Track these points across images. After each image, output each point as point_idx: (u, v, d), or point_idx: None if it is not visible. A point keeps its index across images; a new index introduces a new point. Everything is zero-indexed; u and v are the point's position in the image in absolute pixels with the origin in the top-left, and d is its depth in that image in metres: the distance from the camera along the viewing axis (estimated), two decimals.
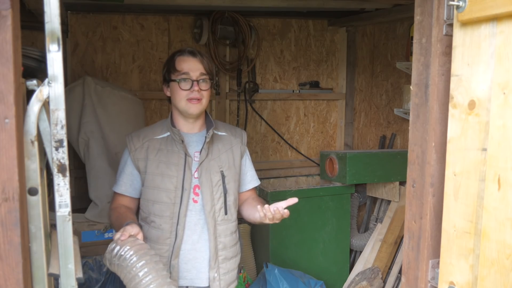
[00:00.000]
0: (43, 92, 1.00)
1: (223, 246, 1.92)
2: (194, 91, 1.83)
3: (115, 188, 1.97)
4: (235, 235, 1.98)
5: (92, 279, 2.74)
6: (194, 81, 1.83)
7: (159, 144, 1.90)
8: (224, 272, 1.93)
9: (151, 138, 1.91)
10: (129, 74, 3.36)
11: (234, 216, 1.98)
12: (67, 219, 1.06)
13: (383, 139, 3.76)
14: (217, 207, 1.90)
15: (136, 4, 3.06)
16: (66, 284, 1.08)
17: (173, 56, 1.90)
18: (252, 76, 3.70)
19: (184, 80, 1.83)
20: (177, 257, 1.87)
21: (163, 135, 1.92)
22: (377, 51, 3.81)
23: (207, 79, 1.86)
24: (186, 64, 1.85)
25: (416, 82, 1.27)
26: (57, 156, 1.02)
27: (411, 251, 1.30)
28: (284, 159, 3.94)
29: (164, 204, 1.86)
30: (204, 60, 1.86)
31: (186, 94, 1.83)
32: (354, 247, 3.71)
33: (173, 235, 1.86)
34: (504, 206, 1.01)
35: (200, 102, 1.85)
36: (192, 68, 1.84)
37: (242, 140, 2.02)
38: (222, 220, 1.91)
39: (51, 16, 0.97)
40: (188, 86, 1.83)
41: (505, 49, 1.01)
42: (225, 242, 1.92)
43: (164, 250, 1.86)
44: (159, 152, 1.88)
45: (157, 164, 1.87)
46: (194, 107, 1.85)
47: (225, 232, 1.92)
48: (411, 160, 1.29)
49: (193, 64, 1.85)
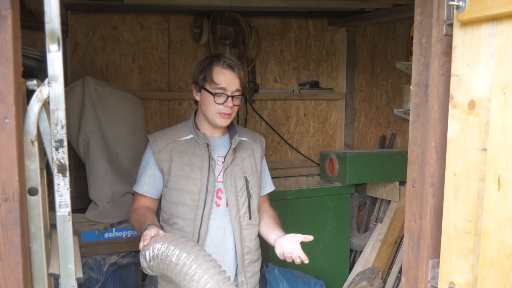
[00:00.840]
0: (43, 92, 1.01)
1: (248, 250, 1.94)
2: (227, 107, 1.83)
3: (136, 188, 1.96)
4: (258, 239, 2.01)
5: (92, 279, 2.74)
6: (230, 96, 1.83)
7: (183, 146, 1.89)
8: (250, 275, 1.96)
9: (175, 140, 1.91)
10: (129, 74, 3.35)
11: (257, 221, 2.00)
12: (67, 219, 1.06)
13: (383, 139, 3.76)
14: (242, 212, 1.92)
15: (136, 4, 3.06)
16: (66, 284, 1.08)
17: (211, 64, 1.86)
18: (252, 76, 3.70)
19: (220, 95, 1.83)
20: None
21: (186, 137, 1.92)
22: (377, 51, 3.81)
23: (240, 96, 1.87)
24: (224, 78, 1.83)
25: (416, 82, 1.27)
26: (57, 156, 1.02)
27: (411, 251, 1.30)
28: (284, 159, 3.94)
29: (188, 206, 1.86)
30: (241, 76, 1.86)
31: (219, 108, 1.84)
32: (354, 247, 3.71)
33: (195, 237, 1.86)
34: (504, 206, 1.01)
35: (230, 116, 1.87)
36: (229, 83, 1.83)
37: (261, 146, 2.07)
38: (247, 224, 1.94)
39: (51, 16, 0.97)
40: (222, 101, 1.83)
41: (505, 49, 1.01)
42: (250, 246, 1.95)
43: None
44: (183, 154, 1.88)
45: (182, 167, 1.87)
46: (223, 121, 1.87)
47: (250, 236, 1.95)
48: (411, 160, 1.29)
49: (231, 79, 1.84)
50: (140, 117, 3.10)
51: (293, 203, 3.41)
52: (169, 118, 3.46)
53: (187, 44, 3.48)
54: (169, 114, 3.48)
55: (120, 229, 2.79)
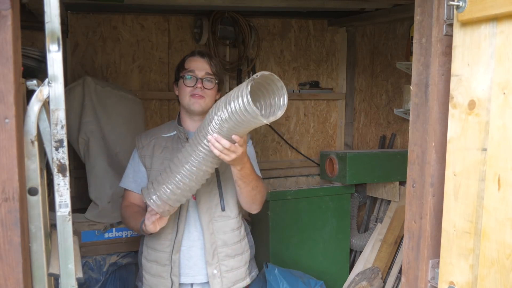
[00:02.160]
0: (43, 92, 1.01)
1: (222, 243, 1.93)
2: (197, 88, 1.88)
3: (122, 183, 2.03)
4: (237, 232, 1.98)
5: (92, 279, 2.74)
6: (199, 79, 1.89)
7: (165, 142, 1.97)
8: (227, 269, 1.94)
9: (158, 136, 1.99)
10: (129, 74, 3.35)
11: (234, 213, 1.97)
12: (67, 219, 1.06)
13: (383, 139, 3.76)
14: (213, 204, 1.91)
15: (136, 4, 3.05)
16: (66, 284, 1.08)
17: (184, 57, 1.99)
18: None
19: (189, 78, 1.90)
20: (178, 252, 1.90)
21: (170, 134, 1.99)
22: (377, 51, 3.81)
23: (212, 79, 1.92)
24: (194, 63, 1.93)
25: (416, 82, 1.27)
26: (57, 156, 1.02)
27: (411, 251, 1.30)
28: (284, 159, 3.94)
29: None
30: (212, 62, 1.93)
31: (190, 90, 1.89)
32: (354, 247, 3.71)
33: (174, 230, 1.90)
34: (504, 206, 1.01)
35: (203, 99, 1.90)
36: (199, 67, 1.91)
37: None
38: (219, 216, 1.93)
39: (51, 16, 0.97)
40: (193, 83, 1.89)
41: (505, 49, 1.01)
42: (225, 239, 1.93)
43: (166, 245, 1.91)
44: (164, 150, 1.95)
45: (162, 161, 1.92)
46: (196, 104, 1.89)
47: (224, 228, 1.93)
48: (411, 160, 1.29)
49: (200, 64, 1.92)
50: (140, 117, 3.10)
51: (293, 203, 3.41)
52: (169, 118, 3.45)
53: (187, 44, 3.47)
54: (169, 114, 3.48)
55: (120, 229, 2.79)
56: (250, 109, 1.43)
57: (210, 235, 1.91)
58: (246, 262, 2.02)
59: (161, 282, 1.93)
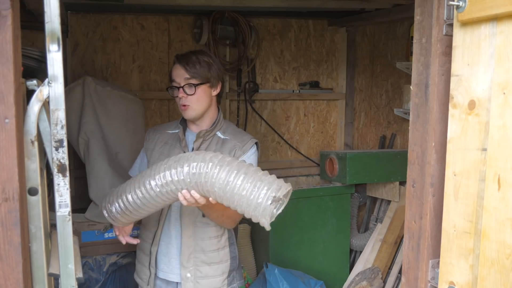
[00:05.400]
0: (43, 92, 1.01)
1: (200, 249, 1.91)
2: (181, 98, 1.86)
3: (130, 172, 2.11)
4: (215, 240, 1.93)
5: (92, 279, 2.74)
6: (179, 87, 1.86)
7: (168, 138, 1.99)
8: (201, 275, 1.91)
9: (164, 132, 2.02)
10: (129, 74, 3.35)
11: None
12: (67, 219, 1.06)
13: (383, 139, 3.76)
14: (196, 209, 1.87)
15: (136, 4, 3.06)
16: (66, 284, 1.08)
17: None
18: (252, 76, 3.70)
19: (172, 88, 1.89)
20: (156, 245, 1.94)
21: (174, 131, 2.00)
22: (377, 51, 3.81)
23: (191, 84, 1.85)
24: (174, 72, 1.90)
25: (416, 82, 1.27)
26: (57, 156, 1.02)
27: (411, 251, 1.30)
28: (284, 159, 3.94)
29: None
30: (187, 65, 1.86)
31: (178, 100, 1.89)
32: (354, 247, 3.71)
33: (156, 223, 1.94)
34: (504, 206, 1.01)
35: (190, 107, 1.87)
36: (178, 75, 1.87)
37: (242, 147, 1.93)
38: (200, 222, 1.91)
39: (51, 16, 0.97)
40: (176, 94, 1.88)
41: (505, 49, 1.01)
42: (202, 246, 1.91)
43: (148, 236, 1.97)
44: (165, 145, 1.97)
45: (159, 156, 1.94)
46: (185, 113, 1.89)
47: (202, 235, 1.91)
48: (411, 160, 1.29)
49: (178, 71, 1.88)
50: (140, 117, 3.10)
51: (293, 203, 3.39)
52: (169, 118, 3.45)
53: (187, 44, 3.47)
54: (169, 114, 3.48)
55: None
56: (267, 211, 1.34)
57: (188, 238, 1.90)
58: (223, 272, 1.96)
59: (143, 270, 2.01)
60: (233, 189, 1.37)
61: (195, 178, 1.43)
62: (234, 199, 1.39)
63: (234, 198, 1.39)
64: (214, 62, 1.92)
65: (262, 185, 1.36)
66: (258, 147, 1.99)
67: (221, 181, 1.39)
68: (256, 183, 1.37)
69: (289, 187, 1.42)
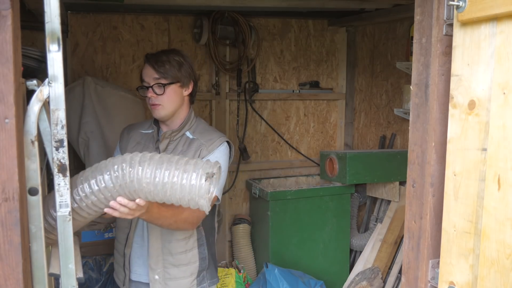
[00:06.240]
0: (43, 92, 1.01)
1: (167, 251, 1.89)
2: (151, 98, 1.84)
3: None
4: (183, 242, 1.90)
5: (92, 279, 2.74)
6: (149, 87, 1.84)
7: (140, 137, 1.97)
8: (170, 277, 1.90)
9: (137, 131, 2.00)
10: (129, 74, 3.36)
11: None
12: (67, 219, 1.06)
13: (383, 139, 3.76)
14: None
15: (136, 4, 3.06)
16: (67, 284, 1.08)
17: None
18: (252, 76, 3.70)
19: (142, 88, 1.88)
20: (129, 248, 1.94)
21: (147, 131, 1.98)
22: (377, 51, 3.81)
23: (160, 84, 1.83)
24: (144, 71, 1.88)
25: (416, 82, 1.27)
26: (57, 156, 1.02)
27: (411, 251, 1.30)
28: (284, 159, 3.94)
29: None
30: (156, 65, 1.83)
31: (148, 100, 1.86)
32: (354, 247, 3.71)
33: (128, 225, 1.93)
34: (504, 206, 1.01)
35: (160, 106, 1.84)
36: (147, 75, 1.86)
37: (209, 146, 1.88)
38: None
39: (51, 16, 0.97)
40: (145, 93, 1.86)
41: (505, 49, 1.01)
42: (169, 248, 1.89)
43: (122, 238, 1.96)
44: (137, 145, 1.95)
45: None
46: (155, 112, 1.86)
47: (169, 237, 1.88)
48: (411, 160, 1.29)
49: (147, 71, 1.86)
50: (140, 117, 3.09)
51: (293, 203, 3.41)
52: None
53: (187, 44, 3.47)
54: None
55: None
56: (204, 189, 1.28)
57: (155, 240, 1.88)
58: (192, 273, 1.94)
59: (119, 271, 2.00)
60: (163, 179, 1.31)
61: (119, 181, 1.32)
62: (166, 190, 1.32)
63: (166, 188, 1.32)
64: (185, 61, 1.88)
65: (191, 168, 1.32)
66: (231, 146, 1.94)
67: (148, 175, 1.31)
68: (185, 167, 1.32)
69: (218, 163, 1.38)
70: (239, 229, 3.60)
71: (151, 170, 1.32)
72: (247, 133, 3.75)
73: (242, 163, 3.67)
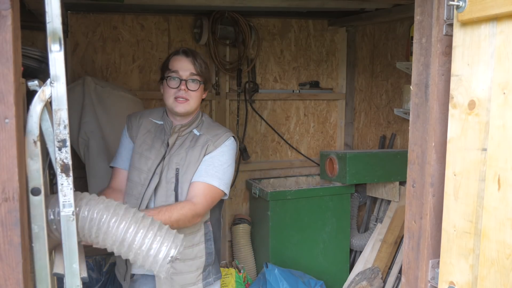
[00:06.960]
0: (46, 92, 1.01)
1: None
2: (181, 90, 1.83)
3: (112, 163, 2.01)
4: (190, 237, 1.88)
5: (92, 279, 2.74)
6: (183, 80, 1.84)
7: (151, 126, 1.95)
8: (175, 272, 1.88)
9: (147, 118, 1.97)
10: (129, 74, 3.36)
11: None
12: (71, 219, 1.07)
13: (383, 139, 3.76)
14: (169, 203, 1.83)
15: (136, 4, 3.06)
16: (71, 284, 1.08)
17: (169, 56, 1.92)
18: (252, 76, 3.70)
19: (173, 79, 1.85)
20: None
21: (158, 121, 1.96)
22: (377, 51, 3.81)
23: (197, 80, 1.85)
24: (178, 63, 1.86)
25: (416, 82, 1.27)
26: (60, 156, 1.02)
27: (411, 251, 1.30)
28: (284, 159, 3.94)
29: (134, 182, 1.88)
30: (196, 62, 1.85)
31: (174, 92, 1.84)
32: (354, 247, 3.71)
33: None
34: (504, 206, 1.02)
35: (187, 102, 1.85)
36: (183, 68, 1.85)
37: (215, 141, 1.89)
38: None
39: (52, 16, 0.97)
40: (176, 85, 1.84)
41: (505, 49, 1.01)
42: None
43: None
44: (147, 133, 1.93)
45: (141, 144, 1.90)
46: (180, 106, 1.85)
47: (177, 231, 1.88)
48: (411, 160, 1.30)
49: (185, 64, 1.85)
50: None
51: (293, 203, 3.42)
52: None
53: (187, 44, 3.47)
54: None
55: None
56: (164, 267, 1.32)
57: None
58: (198, 268, 1.93)
59: (121, 264, 1.99)
60: (130, 246, 1.41)
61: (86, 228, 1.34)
62: (130, 254, 1.41)
63: (130, 253, 1.41)
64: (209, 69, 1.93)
65: (158, 245, 1.37)
66: (237, 141, 1.96)
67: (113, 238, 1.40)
68: (151, 244, 1.38)
69: (181, 237, 1.39)
70: (239, 229, 3.60)
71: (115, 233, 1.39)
72: (247, 133, 3.75)
73: (242, 163, 3.67)
